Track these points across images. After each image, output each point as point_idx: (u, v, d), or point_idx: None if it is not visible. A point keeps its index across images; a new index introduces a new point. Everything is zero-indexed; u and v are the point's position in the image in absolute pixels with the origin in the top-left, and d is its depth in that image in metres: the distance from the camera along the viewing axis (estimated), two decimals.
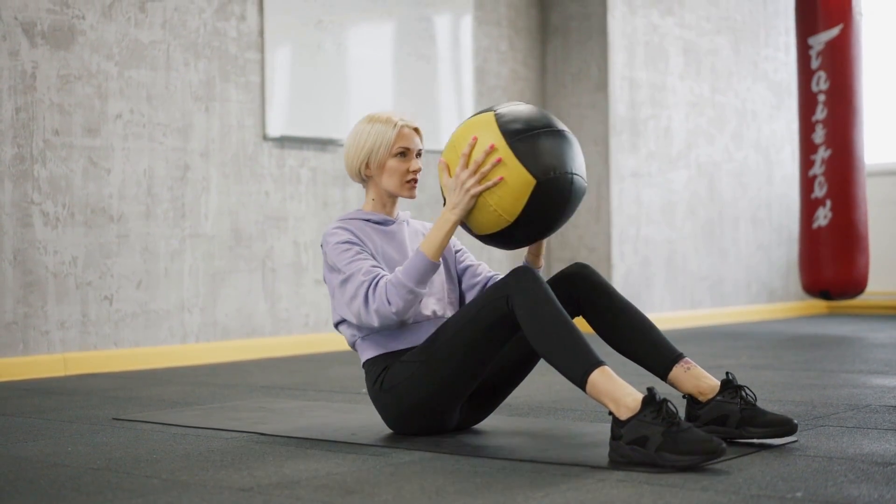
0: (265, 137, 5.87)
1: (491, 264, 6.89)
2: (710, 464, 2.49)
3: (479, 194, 2.78)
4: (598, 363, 2.61)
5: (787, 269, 8.61)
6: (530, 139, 2.75)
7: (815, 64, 6.83)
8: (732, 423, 2.76)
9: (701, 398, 2.82)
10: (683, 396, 2.88)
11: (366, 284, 2.86)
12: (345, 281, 2.91)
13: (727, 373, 2.84)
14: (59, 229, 5.07)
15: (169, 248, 5.45)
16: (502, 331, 2.81)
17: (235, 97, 5.75)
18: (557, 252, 7.44)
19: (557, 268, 7.39)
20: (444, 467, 2.57)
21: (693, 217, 7.82)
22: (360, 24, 6.34)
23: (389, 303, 2.82)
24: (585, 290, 2.94)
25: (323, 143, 6.12)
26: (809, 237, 6.88)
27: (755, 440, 2.77)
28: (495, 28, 7.18)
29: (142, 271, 5.35)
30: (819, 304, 8.73)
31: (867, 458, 2.59)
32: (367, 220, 3.06)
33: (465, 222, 2.87)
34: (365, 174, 3.06)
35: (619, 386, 2.57)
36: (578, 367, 2.62)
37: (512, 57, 7.29)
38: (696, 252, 7.83)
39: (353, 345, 3.05)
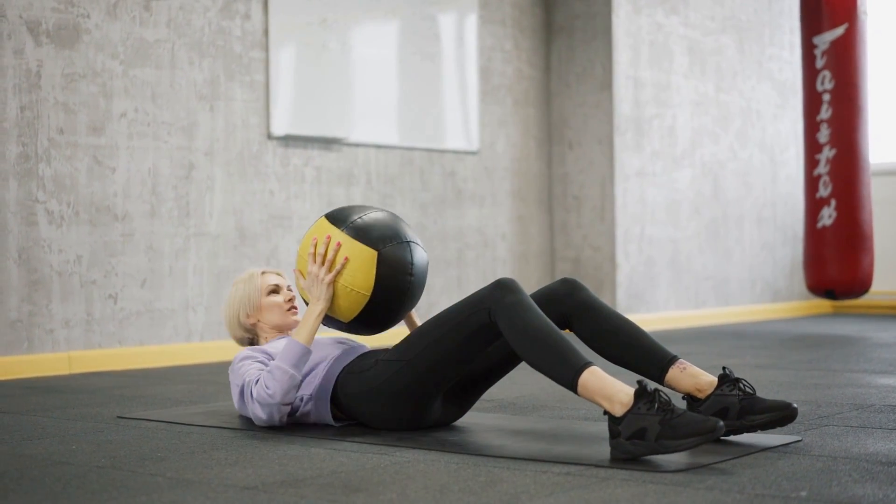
0: (270, 136, 5.87)
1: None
2: (709, 463, 2.49)
3: (333, 280, 3.05)
4: (587, 364, 2.66)
5: (792, 269, 8.60)
6: (360, 221, 3.09)
7: (819, 63, 6.83)
8: (733, 414, 2.79)
9: (699, 395, 2.85)
10: (683, 398, 2.91)
11: (252, 382, 3.07)
12: (241, 390, 3.12)
13: (724, 367, 2.88)
14: (63, 228, 5.08)
15: (173, 246, 5.46)
16: (483, 340, 2.91)
17: (240, 96, 5.75)
18: (562, 251, 7.44)
19: (561, 267, 7.39)
20: (449, 466, 2.57)
21: (697, 216, 7.81)
22: (364, 23, 6.34)
23: (267, 387, 3.01)
24: (573, 308, 3.04)
25: (327, 142, 6.12)
26: (814, 237, 6.88)
27: (758, 428, 2.78)
28: (500, 27, 7.18)
29: (146, 270, 5.35)
30: (823, 304, 8.72)
31: (871, 457, 2.59)
32: (269, 343, 3.33)
33: (331, 314, 3.12)
34: (248, 324, 3.35)
35: (610, 383, 2.61)
36: (568, 371, 2.67)
37: (516, 56, 7.29)
38: (701, 251, 7.83)
39: (312, 413, 3.18)
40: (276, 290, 3.37)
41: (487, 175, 7.03)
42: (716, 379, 2.86)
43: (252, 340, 3.38)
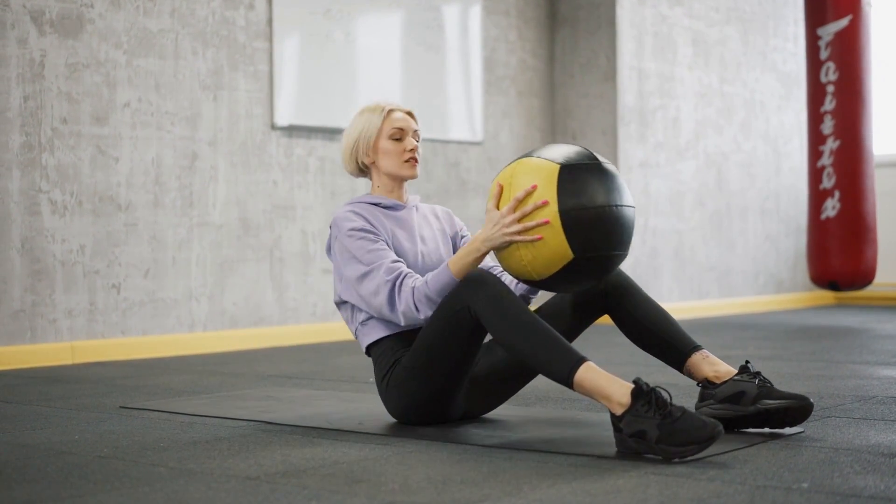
0: (273, 126, 5.87)
1: None
2: (710, 455, 2.49)
3: (513, 242, 2.74)
4: (581, 360, 2.60)
5: (795, 260, 8.59)
6: (585, 215, 2.69)
7: (823, 55, 6.81)
8: (748, 400, 2.75)
9: (717, 381, 2.84)
10: (698, 384, 2.89)
11: (390, 284, 2.89)
12: (365, 275, 2.93)
13: (746, 360, 2.88)
14: (66, 218, 5.08)
15: (177, 236, 5.46)
16: (473, 335, 2.82)
17: (244, 86, 5.74)
18: None
19: None
20: (451, 456, 2.57)
21: (701, 208, 7.81)
22: (368, 14, 6.34)
23: (418, 310, 2.86)
24: (610, 288, 2.99)
25: (331, 133, 6.12)
26: (817, 228, 6.87)
27: (771, 413, 2.74)
28: (504, 18, 7.16)
29: (149, 260, 5.36)
30: (827, 295, 8.72)
31: (873, 449, 2.59)
32: (377, 205, 3.08)
33: (496, 253, 2.86)
34: (361, 162, 3.09)
35: (606, 381, 2.57)
36: (562, 367, 2.61)
37: (520, 47, 7.28)
38: (704, 243, 7.82)
39: (354, 332, 3.08)
40: (399, 135, 3.05)
41: (491, 166, 7.02)
42: (735, 370, 2.86)
43: (365, 176, 3.15)
